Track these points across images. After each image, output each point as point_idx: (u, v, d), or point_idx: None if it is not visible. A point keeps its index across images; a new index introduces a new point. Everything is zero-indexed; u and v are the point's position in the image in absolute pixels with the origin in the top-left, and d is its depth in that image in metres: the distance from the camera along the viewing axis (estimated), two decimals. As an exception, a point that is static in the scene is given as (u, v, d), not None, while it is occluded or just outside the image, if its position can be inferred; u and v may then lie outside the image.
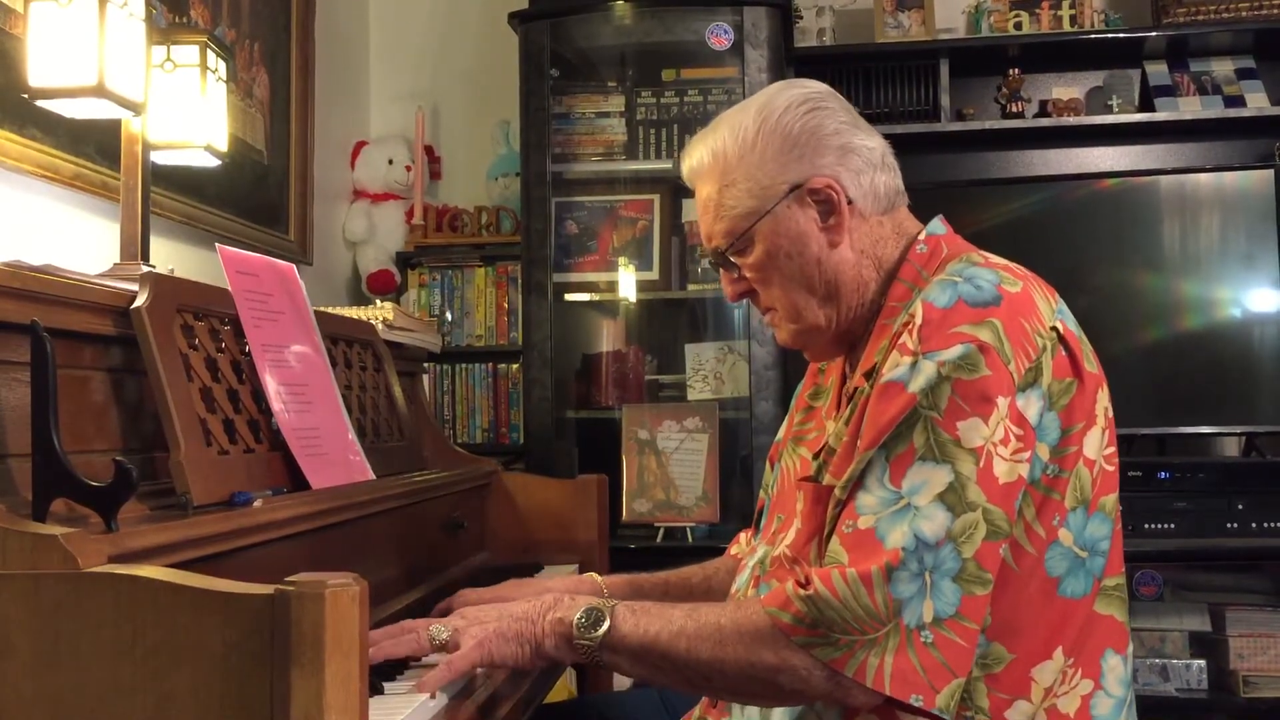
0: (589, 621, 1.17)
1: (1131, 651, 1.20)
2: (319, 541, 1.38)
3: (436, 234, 3.54)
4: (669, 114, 3.23)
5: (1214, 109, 3.21)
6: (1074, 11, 3.25)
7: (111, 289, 1.24)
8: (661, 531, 2.98)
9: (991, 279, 1.14)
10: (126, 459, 1.02)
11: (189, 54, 1.75)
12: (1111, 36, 3.23)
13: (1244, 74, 3.27)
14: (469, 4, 3.67)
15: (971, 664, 1.08)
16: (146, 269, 1.60)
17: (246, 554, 1.19)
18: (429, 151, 3.63)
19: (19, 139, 1.93)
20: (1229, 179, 3.02)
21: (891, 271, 1.26)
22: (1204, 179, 3.05)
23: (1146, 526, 2.80)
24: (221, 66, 1.81)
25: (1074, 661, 1.13)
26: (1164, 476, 2.84)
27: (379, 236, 3.52)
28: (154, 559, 0.99)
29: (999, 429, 1.08)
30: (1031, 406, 1.10)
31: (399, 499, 1.66)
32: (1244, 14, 3.18)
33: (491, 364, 3.47)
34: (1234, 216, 3.00)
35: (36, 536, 0.90)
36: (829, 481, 1.17)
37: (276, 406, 1.42)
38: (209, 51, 1.76)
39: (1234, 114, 3.20)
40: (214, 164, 1.91)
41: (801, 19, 3.40)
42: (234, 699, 0.83)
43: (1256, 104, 3.20)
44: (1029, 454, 1.10)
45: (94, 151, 2.12)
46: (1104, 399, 1.16)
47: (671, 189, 3.22)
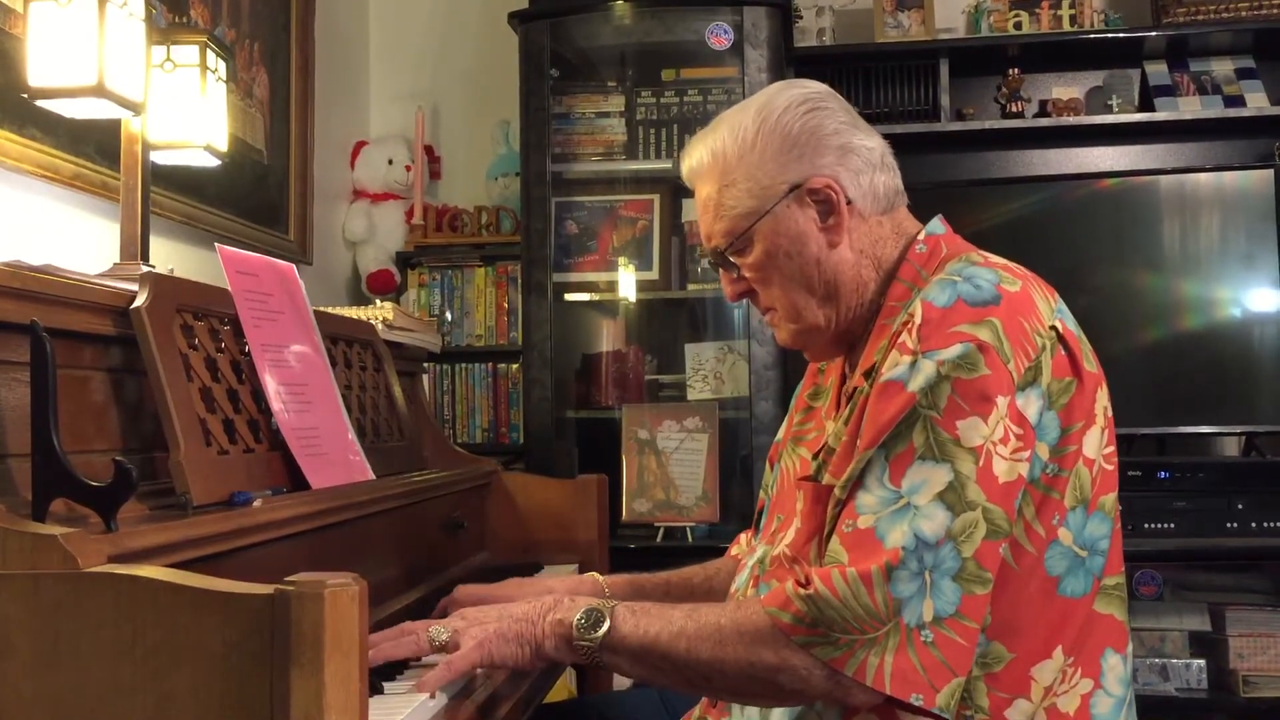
0: (589, 622, 1.17)
1: (1131, 651, 1.20)
2: (319, 541, 1.38)
3: (436, 234, 3.54)
4: (669, 114, 3.23)
5: (1214, 109, 3.22)
6: (1074, 11, 3.25)
7: (111, 289, 1.24)
8: (661, 531, 2.98)
9: (991, 278, 1.14)
10: (126, 459, 1.02)
11: (189, 54, 1.75)
12: (1111, 36, 3.23)
13: (1244, 74, 3.27)
14: (469, 4, 3.67)
15: (971, 663, 1.08)
16: (146, 269, 1.60)
17: (246, 554, 1.19)
18: (429, 151, 3.63)
19: (19, 139, 1.93)
20: (1229, 179, 3.02)
21: (891, 271, 1.27)
22: (1204, 179, 3.05)
23: (1146, 526, 2.80)
24: (221, 66, 1.81)
25: (1074, 661, 1.13)
26: (1164, 476, 2.84)
27: (379, 236, 3.52)
28: (154, 559, 0.99)
29: (998, 428, 1.08)
30: (1031, 405, 1.10)
31: (399, 499, 1.66)
32: (1244, 14, 3.19)
33: (491, 364, 3.47)
34: (1234, 216, 3.00)
35: (36, 536, 0.90)
36: (828, 481, 1.17)
37: (276, 406, 1.42)
38: (209, 51, 1.76)
39: (1234, 114, 3.20)
40: (214, 164, 1.91)
41: (801, 19, 3.40)
42: (234, 699, 0.83)
43: (1256, 104, 3.20)
44: (1029, 453, 1.10)
45: (94, 151, 2.13)
46: (1103, 398, 1.17)
47: (671, 189, 3.22)
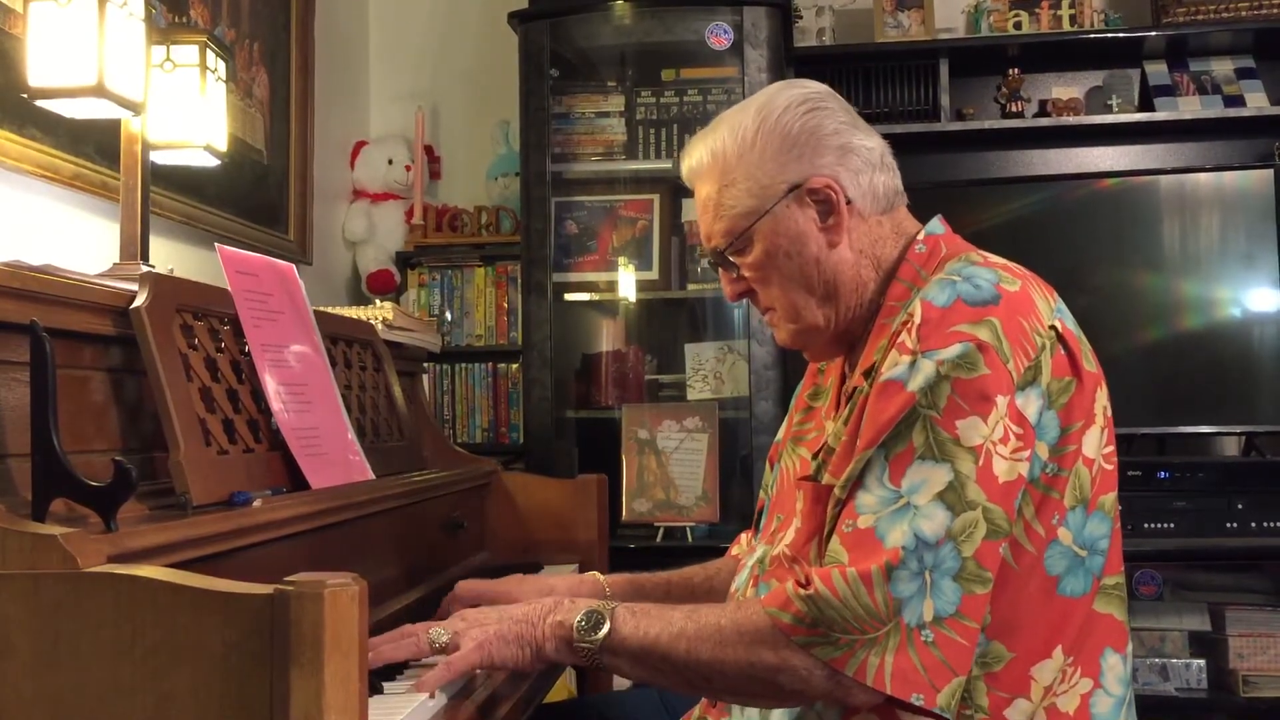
0: (589, 624, 1.17)
1: (1131, 650, 1.20)
2: (318, 541, 1.38)
3: (436, 234, 3.54)
4: (669, 114, 3.23)
5: (1214, 109, 3.22)
6: (1074, 11, 3.25)
7: (111, 289, 1.24)
8: (661, 531, 2.98)
9: (990, 278, 1.14)
10: (126, 459, 1.02)
11: (189, 54, 1.76)
12: (1111, 36, 3.23)
13: (1243, 74, 3.27)
14: (469, 4, 3.67)
15: (971, 663, 1.08)
16: (146, 269, 1.60)
17: (246, 554, 1.19)
18: (429, 151, 3.63)
19: (19, 139, 1.93)
20: (1229, 179, 3.02)
21: (890, 271, 1.27)
22: (1204, 179, 3.05)
23: (1146, 526, 2.80)
24: (221, 66, 1.81)
25: (1073, 660, 1.13)
26: (1164, 476, 2.84)
27: (379, 236, 3.52)
28: (153, 559, 0.99)
29: (998, 428, 1.08)
30: (1031, 405, 1.10)
31: (398, 499, 1.66)
32: (1244, 14, 3.19)
33: (491, 364, 3.47)
34: (1234, 216, 3.00)
35: (36, 536, 0.90)
36: (828, 481, 1.17)
37: (276, 406, 1.42)
38: (209, 51, 1.76)
39: (1234, 114, 3.20)
40: (214, 164, 1.91)
41: (801, 19, 3.40)
42: (234, 699, 0.83)
43: (1256, 104, 3.20)
44: (1028, 453, 1.10)
45: (94, 151, 2.13)
46: (1103, 398, 1.17)
47: (671, 189, 3.22)
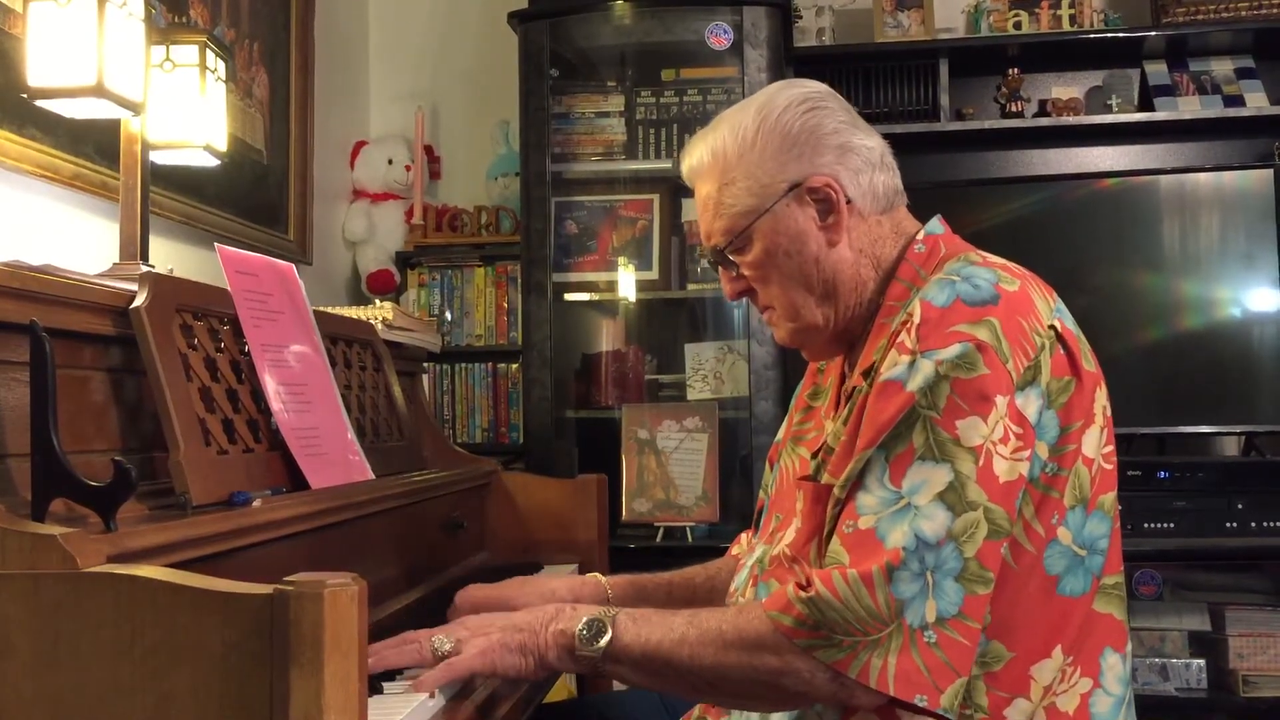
0: (591, 633, 1.17)
1: (1130, 650, 1.20)
2: (318, 541, 1.38)
3: (436, 234, 3.54)
4: (669, 114, 3.23)
5: (1213, 109, 3.21)
6: (1073, 11, 3.25)
7: (111, 289, 1.24)
8: (661, 531, 2.98)
9: (989, 278, 1.14)
10: (125, 459, 1.02)
11: (188, 54, 1.75)
12: (1111, 36, 3.23)
13: (1243, 73, 3.27)
14: (469, 4, 3.67)
15: (973, 663, 1.08)
16: (146, 269, 1.60)
17: (246, 554, 1.19)
18: (429, 151, 3.63)
19: (19, 139, 1.93)
20: (1228, 179, 3.02)
21: (890, 271, 1.27)
22: (1203, 179, 3.05)
23: (1146, 526, 2.80)
24: (221, 66, 1.81)
25: (1073, 660, 1.13)
26: (1164, 476, 2.84)
27: (378, 236, 3.52)
28: (153, 559, 0.99)
29: (998, 428, 1.08)
30: (1030, 405, 1.10)
31: (398, 499, 1.66)
32: (1243, 14, 3.19)
33: (491, 364, 3.47)
34: (1233, 216, 3.00)
35: (36, 536, 0.90)
36: (827, 480, 1.17)
37: (276, 406, 1.42)
38: (208, 51, 1.76)
39: (1233, 114, 3.20)
40: (213, 164, 1.91)
41: (801, 19, 3.40)
42: (233, 699, 0.83)
43: (1256, 104, 3.20)
44: (1029, 452, 1.10)
45: (93, 151, 2.12)
46: (1102, 397, 1.17)
47: (671, 189, 3.22)
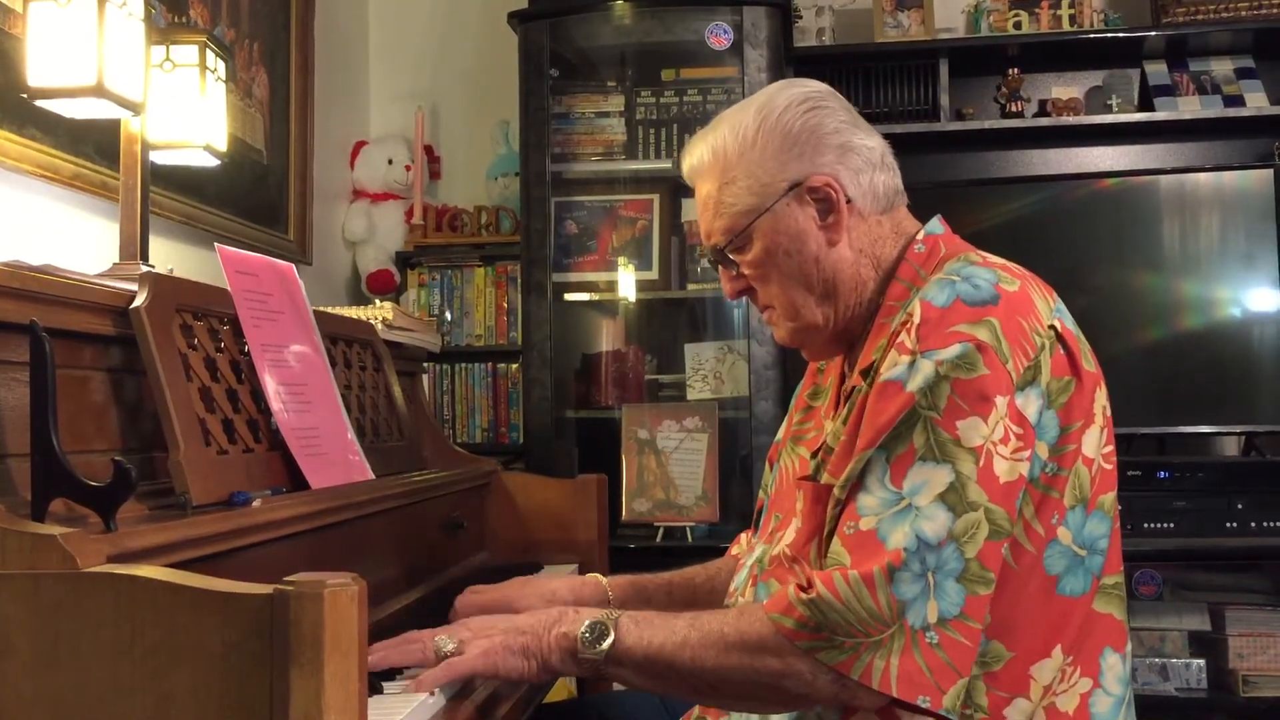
0: (594, 636, 1.16)
1: (1130, 650, 1.20)
2: (318, 541, 1.38)
3: (436, 234, 3.54)
4: (668, 114, 3.23)
5: (1213, 109, 3.21)
6: (1073, 11, 3.25)
7: (111, 289, 1.24)
8: (661, 531, 2.98)
9: (989, 278, 1.14)
10: (125, 459, 1.02)
11: (188, 54, 1.75)
12: (1111, 36, 3.23)
13: (1243, 73, 3.27)
14: (469, 4, 3.67)
15: (974, 663, 1.08)
16: (146, 269, 1.60)
17: (246, 554, 1.19)
18: (429, 151, 3.63)
19: (19, 139, 1.93)
20: (1228, 179, 3.02)
21: (890, 271, 1.27)
22: (1203, 179, 3.05)
23: (1146, 526, 2.80)
24: (221, 66, 1.81)
25: (1073, 660, 1.13)
26: (1164, 476, 2.84)
27: (378, 236, 3.52)
28: (153, 559, 0.99)
29: (998, 428, 1.08)
30: (1030, 405, 1.10)
31: (398, 499, 1.66)
32: (1243, 14, 3.19)
33: (491, 364, 3.47)
34: (1233, 216, 3.00)
35: (36, 536, 0.90)
36: (827, 480, 1.17)
37: (276, 406, 1.42)
38: (208, 51, 1.76)
39: (1233, 113, 3.20)
40: (213, 164, 1.91)
41: (801, 19, 3.40)
42: (233, 699, 0.83)
43: (1256, 104, 3.20)
44: (1029, 453, 1.10)
45: (93, 151, 2.12)
46: (1102, 397, 1.17)
47: (671, 189, 3.22)
